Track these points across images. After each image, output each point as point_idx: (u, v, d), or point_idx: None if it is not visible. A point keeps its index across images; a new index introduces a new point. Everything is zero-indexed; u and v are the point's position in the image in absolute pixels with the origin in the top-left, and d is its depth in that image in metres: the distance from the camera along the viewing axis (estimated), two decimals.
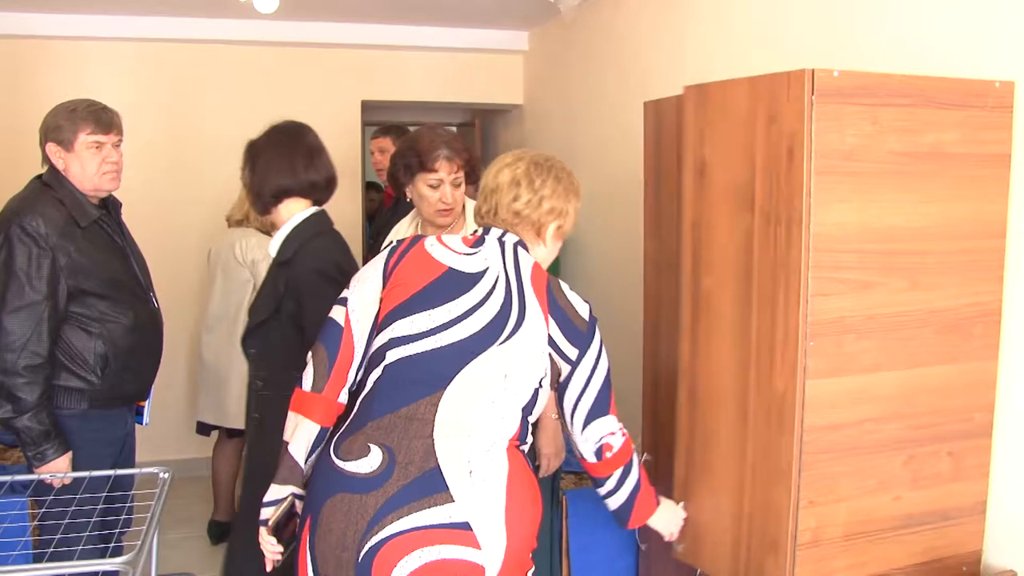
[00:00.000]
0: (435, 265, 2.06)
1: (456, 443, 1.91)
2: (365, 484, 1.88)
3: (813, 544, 2.08)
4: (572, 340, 2.05)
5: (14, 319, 2.61)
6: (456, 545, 1.84)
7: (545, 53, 5.61)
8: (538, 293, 2.05)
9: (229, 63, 5.47)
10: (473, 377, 1.95)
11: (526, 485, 1.98)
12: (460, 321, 1.99)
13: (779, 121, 1.98)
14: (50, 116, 2.82)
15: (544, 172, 2.14)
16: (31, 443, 2.64)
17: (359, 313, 2.06)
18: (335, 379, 2.03)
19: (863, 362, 2.08)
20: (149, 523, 2.19)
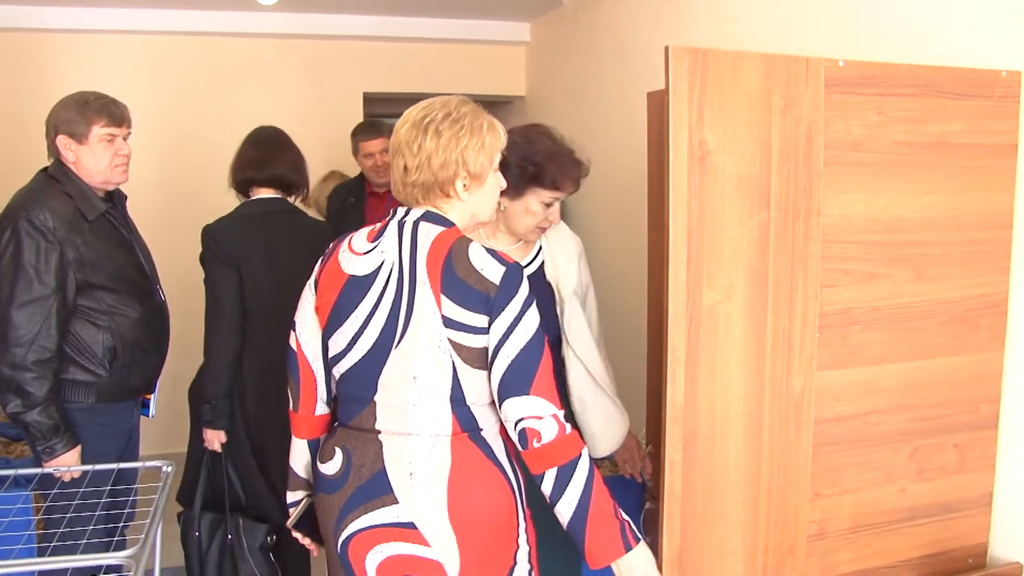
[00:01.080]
0: (339, 276, 1.97)
1: (400, 444, 1.92)
2: (332, 485, 1.98)
3: (819, 536, 2.08)
4: (477, 309, 1.85)
5: (23, 313, 2.60)
6: (407, 543, 1.90)
7: (547, 44, 5.59)
8: (432, 271, 1.87)
9: (231, 56, 5.46)
10: (389, 385, 1.91)
11: (477, 479, 1.91)
12: (363, 332, 1.93)
13: (797, 107, 1.91)
14: (60, 109, 2.78)
15: (421, 132, 1.90)
16: (40, 437, 2.63)
17: (306, 335, 2.06)
18: (305, 399, 2.10)
19: (868, 354, 2.07)
20: (152, 516, 2.18)
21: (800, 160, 1.95)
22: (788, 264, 1.96)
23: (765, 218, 1.93)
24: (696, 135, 1.85)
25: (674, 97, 1.82)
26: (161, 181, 5.23)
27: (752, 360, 1.95)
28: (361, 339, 1.93)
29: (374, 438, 1.93)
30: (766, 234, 1.93)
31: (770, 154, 1.92)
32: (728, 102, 1.87)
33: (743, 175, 1.90)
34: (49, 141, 2.78)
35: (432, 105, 1.94)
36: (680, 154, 1.84)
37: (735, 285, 1.92)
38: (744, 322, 1.93)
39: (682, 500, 1.92)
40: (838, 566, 2.11)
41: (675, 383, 1.88)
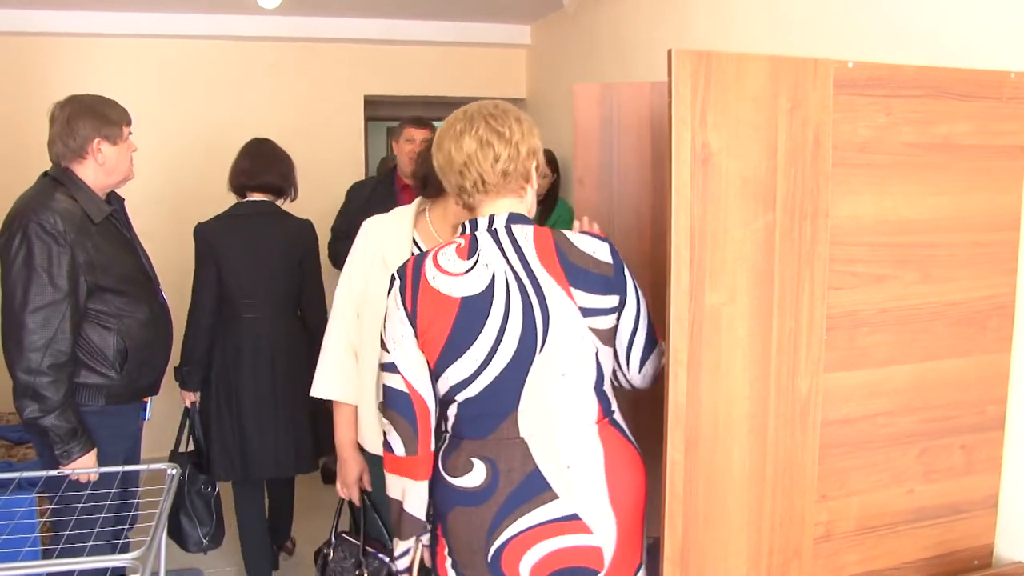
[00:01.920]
0: (447, 301, 1.94)
1: (549, 441, 1.95)
2: (476, 497, 1.96)
3: (825, 539, 2.07)
4: (606, 291, 1.96)
5: (37, 317, 2.60)
6: (569, 535, 1.94)
7: (548, 47, 5.60)
8: (551, 270, 1.94)
9: (233, 59, 5.47)
10: (535, 389, 1.94)
11: (625, 461, 2.00)
12: (497, 348, 1.93)
13: (804, 108, 1.91)
14: (91, 115, 2.79)
15: (502, 119, 1.98)
16: (59, 441, 2.63)
17: (413, 372, 1.98)
18: (423, 437, 2.00)
19: (876, 356, 2.07)
20: (158, 519, 2.17)
21: (808, 162, 1.94)
22: (795, 266, 1.95)
23: (771, 220, 1.92)
24: (699, 137, 1.84)
25: (676, 100, 1.80)
26: (162, 183, 5.23)
27: (757, 362, 1.94)
28: (497, 356, 1.93)
29: (519, 442, 1.95)
30: (772, 236, 1.92)
31: (776, 156, 1.91)
32: (732, 104, 1.86)
33: (748, 177, 1.89)
34: (76, 145, 2.78)
35: (486, 103, 2.03)
36: (683, 156, 1.82)
37: (739, 287, 1.91)
38: (749, 324, 1.92)
39: (684, 500, 1.92)
40: (844, 568, 2.11)
41: (677, 384, 1.88)
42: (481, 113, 1.98)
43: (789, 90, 1.90)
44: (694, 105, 1.82)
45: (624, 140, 2.35)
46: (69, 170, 2.80)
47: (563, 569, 1.96)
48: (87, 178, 2.81)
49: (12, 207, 2.74)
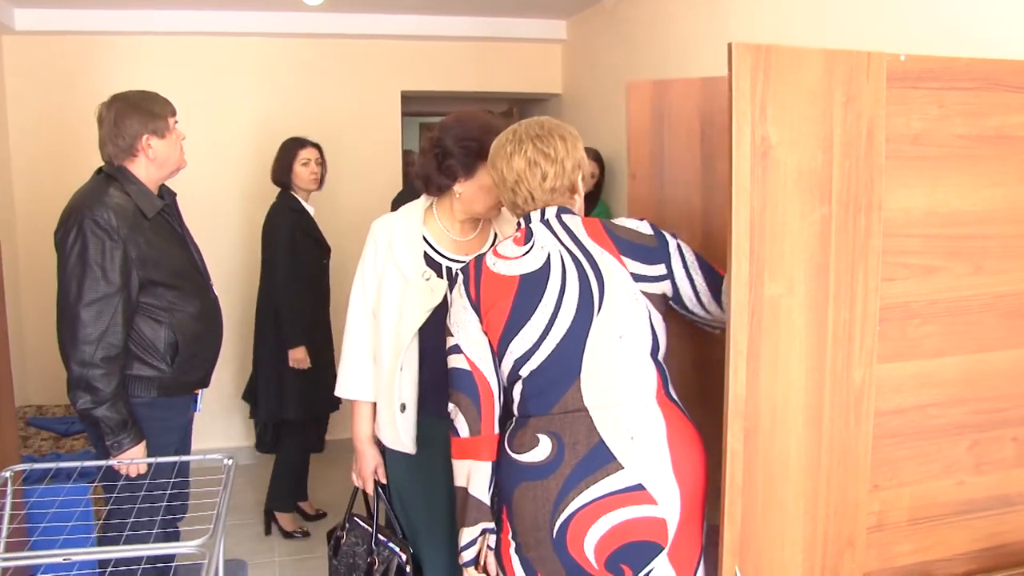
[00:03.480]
0: (508, 281, 2.12)
1: (612, 413, 2.04)
2: (542, 471, 2.04)
3: (878, 528, 2.09)
4: (652, 260, 2.10)
5: (91, 311, 2.66)
6: (635, 505, 2.01)
7: (584, 42, 5.61)
8: (601, 242, 2.10)
9: (272, 56, 5.54)
10: (595, 354, 2.05)
11: (685, 434, 2.08)
12: (557, 315, 2.06)
13: (858, 102, 1.92)
14: (136, 112, 2.85)
15: (547, 139, 2.15)
16: (110, 432, 2.70)
17: (476, 352, 2.15)
18: (486, 417, 2.14)
19: (927, 347, 2.08)
20: (219, 508, 2.23)
21: (861, 154, 1.95)
22: (849, 258, 1.97)
23: (827, 212, 1.93)
24: (759, 130, 1.83)
25: (737, 93, 1.81)
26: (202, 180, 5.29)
27: (813, 352, 1.96)
28: (556, 323, 2.07)
29: (584, 415, 2.04)
30: (828, 228, 1.94)
31: (832, 149, 1.92)
32: (790, 97, 1.86)
33: (804, 170, 1.90)
34: (126, 143, 2.84)
35: (532, 123, 2.20)
36: (743, 149, 1.83)
37: (796, 278, 1.92)
38: (805, 315, 1.94)
39: (743, 490, 1.94)
40: (897, 558, 2.12)
41: (737, 376, 1.89)
42: (528, 135, 2.16)
43: (844, 83, 1.91)
44: (754, 99, 1.82)
45: (674, 135, 2.38)
46: (123, 167, 2.85)
47: (627, 544, 2.01)
48: (140, 174, 2.87)
49: (68, 203, 2.80)
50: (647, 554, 2.04)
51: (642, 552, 2.03)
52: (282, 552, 4.42)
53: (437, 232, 2.58)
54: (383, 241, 2.56)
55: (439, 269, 2.51)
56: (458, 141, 2.47)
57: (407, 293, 2.47)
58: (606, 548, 2.01)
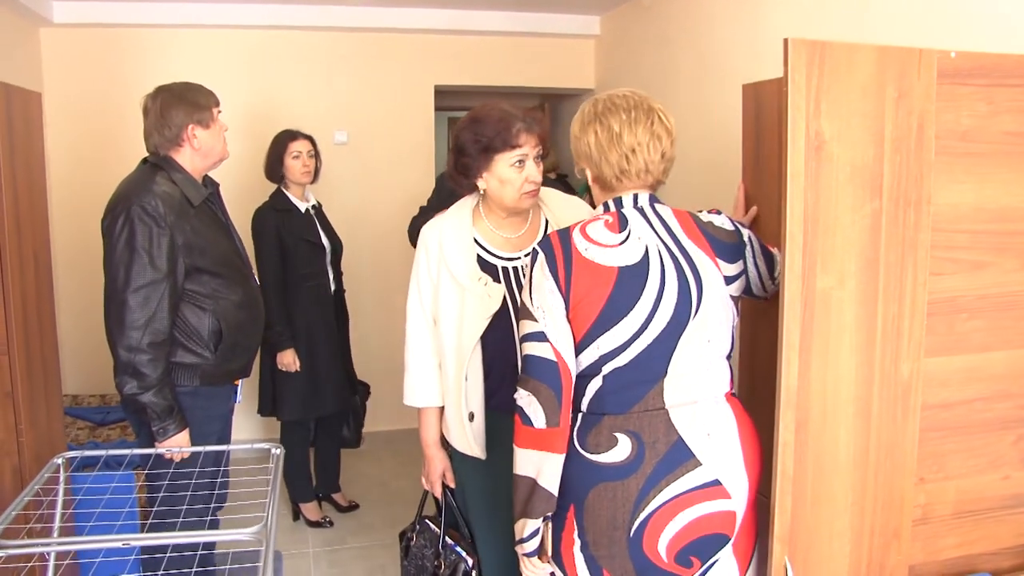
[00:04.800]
0: (604, 271, 2.00)
1: (689, 411, 2.03)
2: (621, 471, 2.00)
3: (923, 521, 2.11)
4: (736, 258, 2.10)
5: (138, 297, 2.70)
6: (711, 500, 2.00)
7: (617, 37, 5.62)
8: (698, 242, 2.07)
9: (307, 49, 5.56)
10: (684, 357, 2.02)
11: (749, 428, 2.09)
12: (654, 316, 2.00)
13: (909, 98, 1.94)
14: (180, 102, 2.89)
15: (665, 116, 2.11)
16: (156, 418, 2.73)
17: (561, 342, 2.01)
18: (565, 409, 2.02)
19: (974, 341, 2.10)
20: (270, 497, 2.26)
21: (912, 150, 1.98)
22: (899, 252, 1.99)
23: (877, 207, 1.96)
24: (813, 125, 1.89)
25: (792, 88, 1.86)
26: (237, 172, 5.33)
27: (863, 346, 1.99)
28: (654, 321, 2.01)
29: (662, 414, 2.02)
30: (878, 222, 1.97)
31: (883, 144, 1.95)
32: (843, 93, 1.90)
33: (857, 164, 1.93)
34: (171, 134, 2.88)
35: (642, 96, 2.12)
36: (797, 144, 1.88)
37: (847, 271, 1.96)
38: (856, 308, 1.97)
39: (793, 481, 1.97)
40: (942, 551, 2.14)
41: (789, 368, 1.93)
42: (651, 106, 2.10)
43: (895, 79, 1.94)
44: (808, 94, 1.88)
45: (765, 133, 2.41)
46: (168, 156, 2.90)
47: (698, 539, 2.02)
48: (185, 163, 2.91)
49: (115, 192, 2.84)
50: (715, 545, 2.03)
51: (711, 544, 2.03)
52: (315, 543, 4.45)
53: (487, 232, 2.51)
54: (434, 247, 2.50)
55: (494, 271, 2.46)
56: (471, 136, 2.43)
57: (465, 300, 2.42)
58: (679, 542, 2.00)
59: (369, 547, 4.40)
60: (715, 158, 4.21)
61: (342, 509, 4.78)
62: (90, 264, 4.35)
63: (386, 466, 5.51)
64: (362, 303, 4.93)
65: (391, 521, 4.66)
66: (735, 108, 2.61)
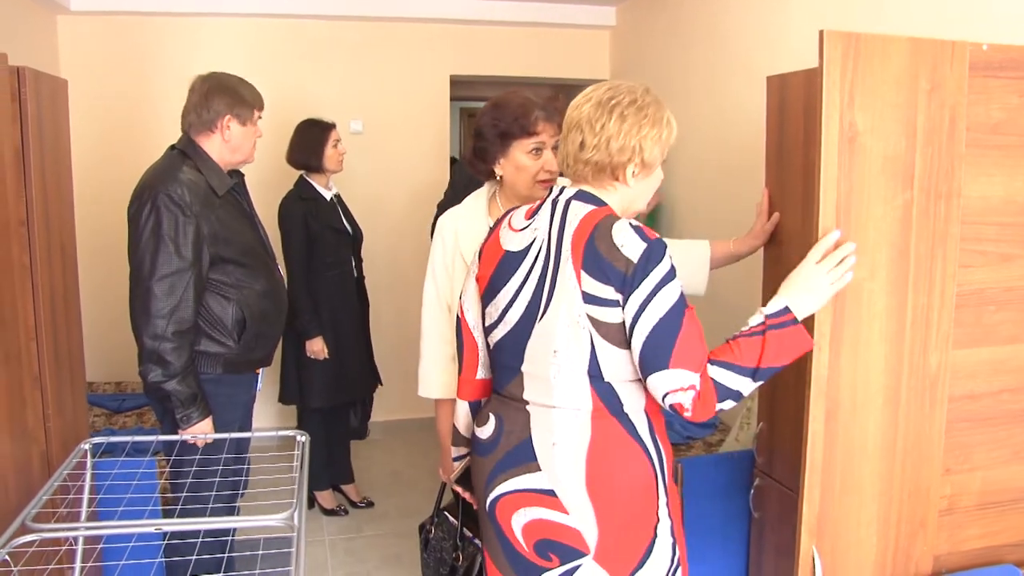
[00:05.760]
0: (498, 251, 2.10)
1: (545, 415, 2.01)
2: (484, 448, 2.12)
3: (948, 512, 2.12)
4: (615, 285, 1.86)
5: (163, 285, 2.71)
6: (547, 508, 2.00)
7: (633, 28, 5.61)
8: (575, 248, 1.91)
9: (323, 38, 5.56)
10: (533, 357, 2.00)
11: (617, 456, 1.95)
12: (512, 305, 2.04)
13: (941, 90, 1.96)
14: (226, 93, 2.93)
15: (605, 112, 1.92)
16: (180, 405, 2.75)
17: (467, 303, 2.20)
18: (467, 362, 2.23)
19: (1001, 333, 2.11)
20: (299, 483, 2.27)
21: (943, 142, 1.99)
22: (929, 243, 2.01)
23: (909, 198, 1.98)
24: (847, 117, 1.91)
25: (827, 80, 1.88)
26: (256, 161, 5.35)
27: (893, 336, 2.01)
28: (510, 312, 2.04)
29: (523, 408, 2.04)
30: (909, 214, 1.99)
31: (915, 136, 1.96)
32: (877, 85, 1.92)
33: (889, 156, 1.96)
34: (207, 118, 2.91)
35: (619, 88, 1.97)
36: (831, 135, 1.90)
37: (879, 263, 1.98)
38: (886, 299, 1.99)
39: (822, 471, 1.98)
40: (967, 541, 2.16)
41: (820, 357, 1.95)
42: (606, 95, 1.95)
43: (928, 72, 1.95)
44: (843, 86, 1.90)
45: (789, 127, 2.43)
46: (196, 143, 2.91)
47: (549, 539, 2.00)
48: (212, 152, 2.92)
49: (141, 179, 2.86)
50: (570, 554, 1.99)
51: (564, 551, 1.99)
52: (331, 531, 4.48)
53: None
54: (450, 237, 2.52)
55: None
56: (490, 121, 2.42)
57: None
58: (531, 535, 2.02)
59: (384, 535, 4.43)
60: (732, 150, 4.22)
61: (355, 504, 4.79)
62: (106, 252, 4.37)
63: (400, 455, 5.53)
64: (376, 292, 4.93)
65: (406, 511, 4.69)
66: (753, 100, 2.62)
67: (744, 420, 3.45)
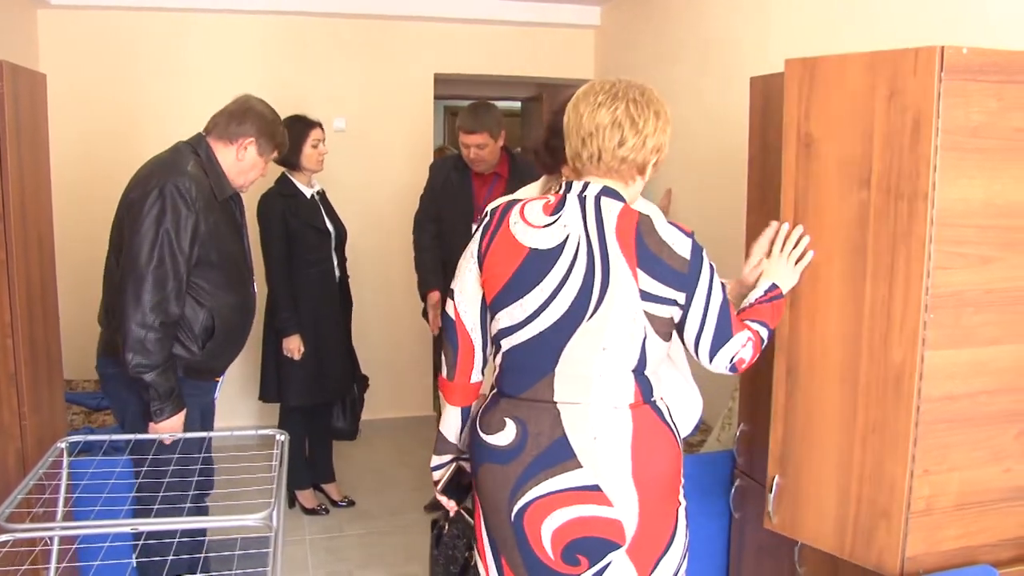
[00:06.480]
0: (518, 248, 2.03)
1: (580, 411, 2.01)
2: (505, 455, 2.05)
3: (926, 512, 2.12)
4: (674, 285, 1.98)
5: (159, 274, 2.71)
6: (590, 504, 1.99)
7: (618, 28, 5.61)
8: (624, 246, 1.97)
9: (306, 36, 5.54)
10: (574, 356, 2.00)
11: (656, 443, 2.03)
12: (548, 304, 2.00)
13: (902, 96, 2.01)
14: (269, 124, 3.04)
15: (644, 109, 2.00)
16: (156, 398, 2.74)
17: (465, 304, 2.12)
18: (462, 367, 2.15)
19: (981, 335, 2.11)
20: (277, 483, 2.25)
21: (906, 145, 2.03)
22: (889, 241, 2.08)
23: (865, 197, 2.12)
24: (803, 127, 2.20)
25: (787, 98, 2.22)
26: None
27: (849, 319, 2.18)
28: (546, 311, 2.01)
29: (550, 408, 2.02)
30: (865, 211, 2.12)
31: (871, 140, 2.08)
32: (833, 99, 2.15)
33: (843, 159, 2.14)
34: (232, 131, 2.97)
35: (635, 85, 2.04)
36: (790, 142, 2.23)
37: (834, 250, 2.20)
38: (842, 285, 2.20)
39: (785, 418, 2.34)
40: (943, 542, 2.15)
41: (784, 319, 2.27)
42: (628, 94, 2.01)
43: (888, 81, 2.03)
44: (800, 103, 2.21)
45: (772, 127, 2.52)
46: (210, 147, 2.95)
47: (583, 538, 2.01)
48: (222, 160, 2.96)
49: (148, 167, 2.88)
50: (603, 549, 2.02)
51: (598, 547, 2.02)
52: (312, 531, 4.46)
53: None
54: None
55: None
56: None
57: None
58: (562, 539, 2.01)
59: (366, 535, 4.42)
60: (715, 150, 4.22)
61: (336, 504, 4.77)
62: (85, 248, 4.33)
63: (383, 454, 5.52)
64: (360, 289, 4.91)
65: (388, 509, 4.68)
66: (738, 100, 2.62)
67: (725, 421, 3.46)
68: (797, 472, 2.33)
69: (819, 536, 2.31)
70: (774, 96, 2.52)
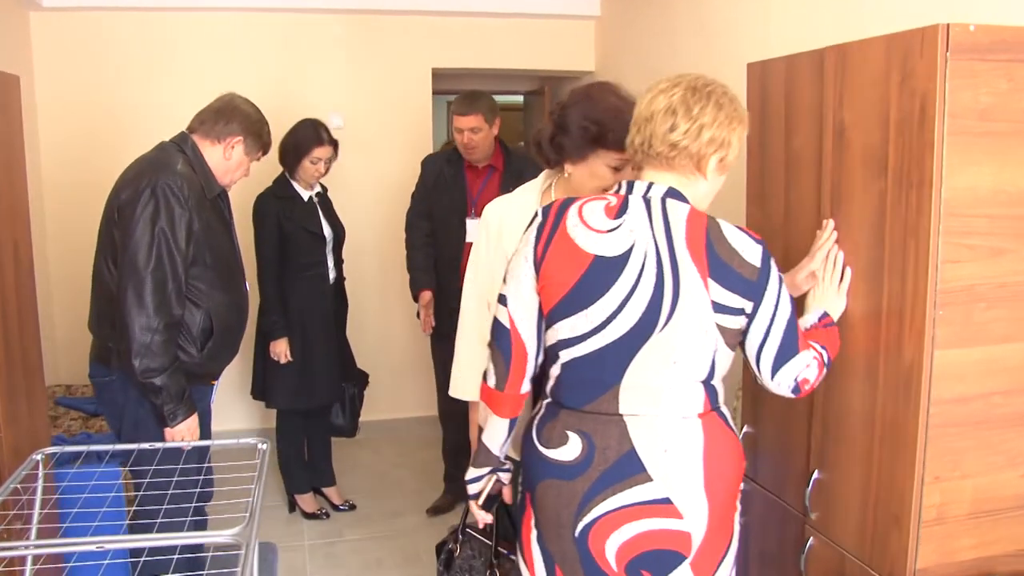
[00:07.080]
0: (580, 256, 1.92)
1: (648, 423, 1.92)
2: (569, 471, 1.95)
3: (938, 521, 2.01)
4: (743, 294, 1.89)
5: (158, 276, 2.66)
6: (660, 518, 1.91)
7: (618, 19, 5.52)
8: (695, 254, 1.87)
9: (302, 32, 5.47)
10: (642, 369, 1.91)
11: (724, 450, 1.97)
12: (616, 316, 1.89)
13: (912, 80, 1.89)
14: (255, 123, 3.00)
15: (703, 98, 1.90)
16: (168, 401, 2.70)
17: (520, 312, 2.00)
18: (514, 376, 2.03)
19: (993, 332, 1.99)
20: (255, 494, 2.17)
21: (914, 131, 1.91)
22: (901, 233, 1.97)
23: (883, 187, 2.01)
24: (837, 116, 2.14)
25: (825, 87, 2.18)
26: None
27: (870, 316, 2.09)
28: (614, 322, 1.90)
29: (618, 420, 1.93)
30: (883, 202, 2.03)
31: (888, 127, 1.96)
32: (859, 86, 2.06)
33: (867, 147, 2.03)
34: (219, 130, 2.92)
35: (708, 78, 1.95)
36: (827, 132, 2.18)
37: (859, 243, 2.11)
38: (865, 282, 2.11)
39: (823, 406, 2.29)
40: (957, 552, 2.04)
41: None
42: (690, 84, 1.93)
43: (900, 64, 1.92)
44: (835, 90, 2.15)
45: (771, 115, 2.44)
46: (196, 145, 2.90)
47: (649, 552, 1.94)
48: (209, 160, 2.91)
49: (137, 167, 2.81)
50: (669, 562, 1.95)
51: (664, 560, 1.94)
52: (311, 536, 4.39)
53: None
54: (494, 230, 2.37)
55: None
56: (579, 120, 2.21)
57: None
58: (627, 554, 1.94)
59: (366, 540, 4.35)
60: None
61: (337, 508, 4.68)
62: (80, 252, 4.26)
63: (384, 456, 5.43)
64: (359, 288, 4.84)
65: (389, 513, 4.61)
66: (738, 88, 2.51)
67: None
68: (831, 469, 2.25)
69: (844, 538, 2.22)
70: (772, 83, 2.41)
